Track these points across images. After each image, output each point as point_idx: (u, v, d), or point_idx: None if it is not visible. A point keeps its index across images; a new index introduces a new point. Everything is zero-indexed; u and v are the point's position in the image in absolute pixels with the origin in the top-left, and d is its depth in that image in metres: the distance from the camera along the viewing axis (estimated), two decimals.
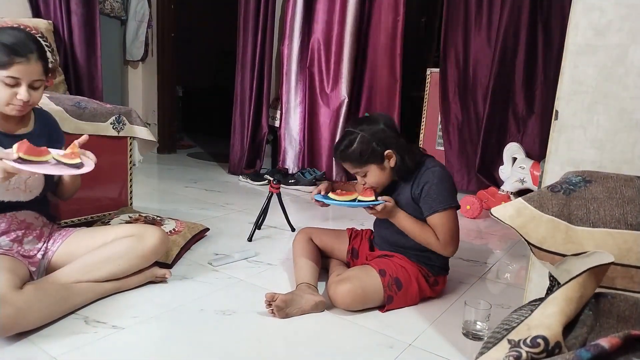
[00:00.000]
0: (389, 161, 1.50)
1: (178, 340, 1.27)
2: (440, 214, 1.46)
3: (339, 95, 3.34)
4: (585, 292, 0.80)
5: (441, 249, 1.48)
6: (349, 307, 1.45)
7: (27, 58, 1.29)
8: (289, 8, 3.34)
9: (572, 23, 1.11)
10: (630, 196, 0.92)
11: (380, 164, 1.50)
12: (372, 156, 1.48)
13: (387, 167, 1.51)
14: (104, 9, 3.44)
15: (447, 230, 1.47)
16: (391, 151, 1.49)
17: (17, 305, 1.18)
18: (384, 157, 1.49)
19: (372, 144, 1.47)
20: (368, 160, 1.49)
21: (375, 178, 1.52)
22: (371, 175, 1.51)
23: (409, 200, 1.52)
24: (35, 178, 1.44)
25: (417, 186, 1.50)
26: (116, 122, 2.07)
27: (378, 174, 1.51)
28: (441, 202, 1.46)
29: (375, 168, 1.50)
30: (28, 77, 1.31)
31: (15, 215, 1.43)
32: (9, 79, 1.28)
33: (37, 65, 1.32)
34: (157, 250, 1.56)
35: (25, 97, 1.31)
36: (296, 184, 3.20)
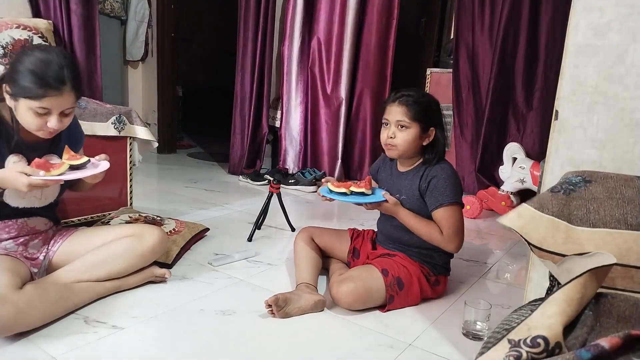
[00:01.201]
0: (427, 138, 1.53)
1: (178, 340, 1.27)
2: (445, 208, 1.47)
3: (339, 95, 3.34)
4: (586, 293, 0.80)
5: (445, 244, 1.48)
6: (352, 306, 1.45)
7: (61, 90, 1.24)
8: (289, 8, 3.34)
9: (572, 23, 1.11)
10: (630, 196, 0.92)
11: (423, 132, 1.52)
12: (425, 119, 1.51)
13: (421, 140, 1.53)
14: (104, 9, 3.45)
15: (451, 225, 1.47)
16: (434, 130, 1.53)
17: (17, 305, 1.18)
18: (428, 130, 1.52)
19: (433, 113, 1.53)
20: (421, 119, 1.50)
21: (409, 138, 1.51)
22: (408, 133, 1.51)
23: (414, 192, 1.53)
24: (51, 188, 1.44)
25: (425, 179, 1.51)
26: (117, 122, 2.07)
27: (413, 137, 1.51)
28: (447, 196, 1.47)
29: (417, 131, 1.51)
30: (59, 108, 1.27)
31: (26, 222, 1.43)
32: (41, 109, 1.25)
33: (70, 95, 1.28)
34: (156, 250, 1.56)
35: (56, 126, 1.28)
36: (296, 184, 3.20)
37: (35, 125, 1.27)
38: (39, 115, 1.25)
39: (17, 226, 1.41)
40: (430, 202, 1.49)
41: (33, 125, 1.27)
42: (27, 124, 1.28)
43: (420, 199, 1.52)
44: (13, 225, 1.41)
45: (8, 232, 1.40)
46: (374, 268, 1.50)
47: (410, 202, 1.53)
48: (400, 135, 1.51)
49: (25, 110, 1.25)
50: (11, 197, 1.36)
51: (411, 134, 1.51)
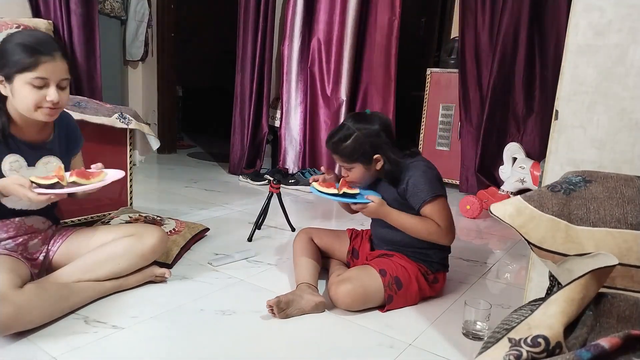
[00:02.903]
0: (376, 164, 1.53)
1: (178, 340, 1.27)
2: (431, 204, 1.47)
3: (339, 95, 3.34)
4: (587, 294, 0.80)
5: (444, 236, 1.48)
6: (350, 307, 1.45)
7: (53, 56, 1.25)
8: (289, 8, 3.34)
9: (572, 23, 1.11)
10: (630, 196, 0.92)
11: (368, 164, 1.53)
12: (362, 156, 1.51)
13: (372, 169, 1.54)
14: (104, 9, 3.44)
15: (444, 217, 1.48)
16: (380, 156, 1.52)
17: (17, 304, 1.18)
18: (372, 159, 1.52)
19: (365, 146, 1.50)
20: (357, 159, 1.52)
21: (359, 176, 1.55)
22: (355, 172, 1.55)
23: (395, 196, 1.54)
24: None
25: (403, 182, 1.52)
26: (121, 117, 2.07)
27: (362, 173, 1.55)
28: (428, 191, 1.47)
29: (361, 167, 1.53)
30: (56, 76, 1.27)
31: (23, 221, 1.43)
32: (38, 80, 1.24)
33: (63, 63, 1.28)
34: (156, 250, 1.57)
35: (56, 97, 1.27)
36: (296, 184, 3.20)
37: (34, 101, 1.26)
38: (36, 88, 1.25)
39: (14, 225, 1.41)
40: (414, 201, 1.49)
41: (32, 102, 1.26)
42: (26, 104, 1.27)
43: (400, 201, 1.53)
44: (11, 224, 1.41)
45: (7, 232, 1.40)
46: (371, 268, 1.50)
47: (393, 204, 1.53)
48: (351, 175, 1.56)
49: (22, 86, 1.25)
50: (10, 200, 1.36)
51: (359, 172, 1.55)
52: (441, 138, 3.31)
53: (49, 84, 1.27)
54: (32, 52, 1.23)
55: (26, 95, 1.26)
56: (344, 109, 3.34)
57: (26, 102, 1.27)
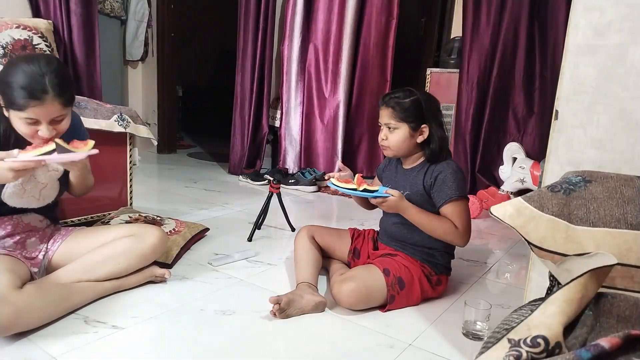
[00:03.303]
0: (420, 135, 1.53)
1: (178, 340, 1.27)
2: (456, 202, 1.47)
3: (339, 95, 3.34)
4: (586, 294, 0.80)
5: (459, 237, 1.48)
6: (353, 306, 1.45)
7: (42, 100, 1.22)
8: (289, 8, 3.34)
9: (572, 23, 1.11)
10: (630, 196, 0.92)
11: (413, 130, 1.52)
12: (413, 118, 1.51)
13: (414, 138, 1.54)
14: (104, 9, 3.44)
15: (464, 218, 1.48)
16: (427, 127, 1.52)
17: (17, 305, 1.18)
18: (420, 128, 1.52)
19: (422, 111, 1.51)
20: (407, 118, 1.51)
21: (399, 139, 1.53)
22: (397, 134, 1.53)
23: (419, 189, 1.53)
24: (50, 187, 1.44)
25: (431, 175, 1.51)
26: (120, 119, 2.07)
27: (403, 138, 1.53)
28: (456, 190, 1.47)
29: (406, 131, 1.52)
30: (46, 117, 1.26)
31: (20, 219, 1.43)
32: (28, 119, 1.25)
33: (54, 104, 1.25)
34: (157, 250, 1.57)
35: (47, 134, 1.26)
36: (296, 184, 3.20)
37: (28, 135, 1.28)
38: (28, 124, 1.25)
39: (12, 223, 1.41)
40: (438, 197, 1.49)
41: (26, 134, 1.28)
42: (22, 133, 1.29)
43: (424, 195, 1.53)
44: (8, 221, 1.41)
45: (4, 229, 1.40)
46: (375, 268, 1.50)
47: (414, 197, 1.53)
48: (391, 137, 1.54)
49: (17, 120, 1.26)
50: (10, 197, 1.36)
51: (401, 134, 1.53)
52: None
53: (40, 122, 1.26)
54: (22, 95, 1.21)
55: (20, 128, 1.28)
56: (342, 108, 3.34)
57: (21, 132, 1.29)
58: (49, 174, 1.43)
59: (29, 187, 1.39)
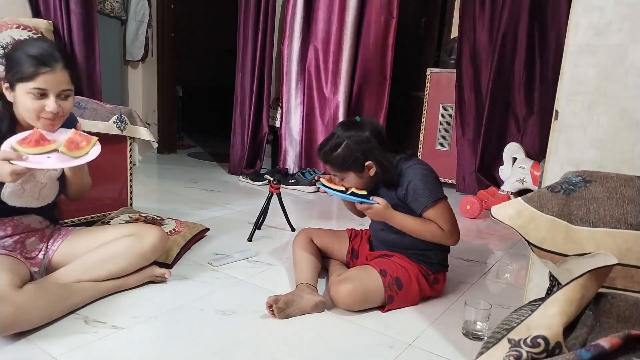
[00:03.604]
0: (369, 171, 1.52)
1: (178, 340, 1.27)
2: (433, 208, 1.47)
3: (339, 95, 3.34)
4: (586, 294, 0.80)
5: (447, 238, 1.49)
6: (350, 307, 1.45)
7: (53, 67, 1.26)
8: (289, 8, 3.34)
9: (572, 23, 1.11)
10: (630, 196, 0.92)
11: (360, 172, 1.52)
12: (353, 164, 1.50)
13: (365, 176, 1.53)
14: (104, 9, 3.44)
15: (447, 219, 1.47)
16: (372, 162, 1.50)
17: (17, 304, 1.18)
18: (365, 166, 1.51)
19: (356, 154, 1.49)
20: (349, 167, 1.51)
21: (354, 182, 1.54)
22: (349, 180, 1.54)
23: (395, 201, 1.53)
24: (49, 187, 1.44)
25: (402, 187, 1.51)
26: (119, 121, 2.07)
27: (356, 181, 1.54)
28: (429, 195, 1.47)
29: (354, 175, 1.53)
30: (55, 88, 1.28)
31: (21, 220, 1.44)
32: (36, 90, 1.25)
33: (64, 74, 1.29)
34: (157, 249, 1.57)
35: (54, 108, 1.27)
36: (296, 184, 3.20)
37: (35, 111, 1.27)
38: (36, 98, 1.26)
39: (12, 224, 1.41)
40: (416, 206, 1.49)
41: (32, 111, 1.27)
42: (27, 112, 1.28)
43: (401, 206, 1.53)
44: (9, 222, 1.41)
45: (4, 230, 1.40)
46: (372, 269, 1.50)
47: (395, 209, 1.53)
48: (347, 182, 1.55)
49: (23, 95, 1.26)
50: (9, 196, 1.36)
51: (352, 180, 1.54)
52: (441, 138, 3.32)
53: (48, 94, 1.27)
54: (32, 63, 1.24)
55: (26, 104, 1.27)
56: (342, 108, 3.34)
57: (27, 112, 1.28)
58: (48, 174, 1.43)
59: (29, 186, 1.39)
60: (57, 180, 1.46)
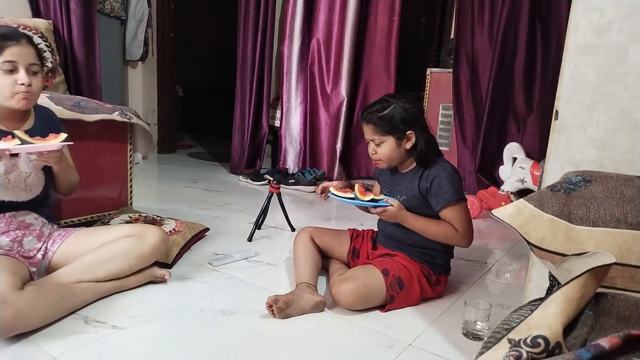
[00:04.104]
0: (407, 142, 1.51)
1: (178, 340, 1.27)
2: (455, 206, 1.47)
3: (339, 95, 3.35)
4: (586, 293, 0.80)
5: (461, 240, 1.48)
6: (352, 306, 1.45)
7: (18, 41, 1.33)
8: (289, 8, 3.34)
9: (572, 23, 1.11)
10: (630, 196, 0.92)
11: (399, 140, 1.51)
12: (396, 129, 1.49)
13: (402, 146, 1.52)
14: (104, 9, 3.44)
15: (464, 220, 1.47)
16: (413, 132, 1.50)
17: (17, 306, 1.18)
18: (405, 135, 1.50)
19: (402, 117, 1.49)
20: (390, 130, 1.50)
21: (388, 151, 1.52)
22: (385, 147, 1.52)
23: (415, 193, 1.53)
24: (35, 177, 1.44)
25: (426, 180, 1.51)
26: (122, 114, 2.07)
27: (391, 149, 1.52)
28: (453, 193, 1.47)
29: (393, 142, 1.51)
30: (24, 60, 1.34)
31: (14, 216, 1.43)
32: (6, 64, 1.31)
33: (29, 48, 1.36)
34: (157, 250, 1.56)
35: (26, 80, 1.33)
36: (296, 184, 3.20)
37: (7, 88, 1.32)
38: (7, 73, 1.32)
39: (5, 219, 1.41)
40: (436, 202, 1.49)
41: (5, 88, 1.33)
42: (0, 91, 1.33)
43: (420, 199, 1.52)
44: (1, 219, 1.41)
45: None
46: (374, 268, 1.50)
47: (411, 202, 1.53)
48: (380, 150, 1.53)
49: None
50: None
51: (389, 147, 1.52)
52: (441, 138, 3.31)
53: (17, 67, 1.33)
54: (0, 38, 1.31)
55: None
56: (344, 108, 3.34)
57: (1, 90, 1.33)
58: (31, 163, 1.43)
59: (13, 176, 1.39)
60: (42, 170, 1.46)
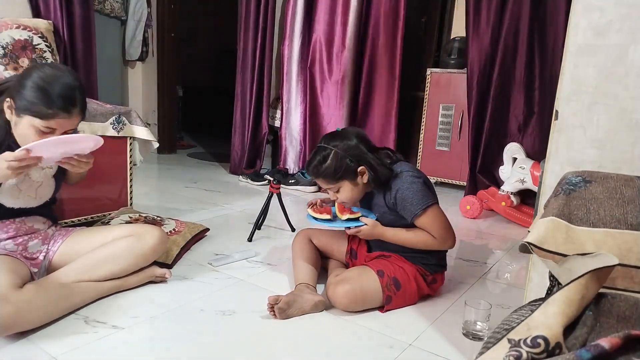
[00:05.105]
0: (362, 177, 1.49)
1: (178, 340, 1.27)
2: (423, 216, 1.46)
3: (340, 95, 3.34)
4: (587, 294, 0.80)
5: (441, 245, 1.49)
6: (348, 308, 1.45)
7: (70, 113, 1.26)
8: (289, 8, 3.34)
9: (572, 23, 1.11)
10: (630, 196, 0.92)
11: (354, 180, 1.50)
12: (346, 172, 1.47)
13: (360, 183, 1.51)
14: (104, 9, 3.44)
15: (438, 226, 1.47)
16: (364, 167, 1.48)
17: (17, 305, 1.18)
18: (357, 173, 1.49)
19: (346, 160, 1.46)
20: (342, 176, 1.48)
21: (348, 194, 1.51)
22: (344, 191, 1.51)
23: (385, 210, 1.53)
24: (46, 186, 1.45)
25: (390, 196, 1.50)
26: (116, 122, 2.07)
27: (350, 190, 1.51)
28: (417, 204, 1.45)
29: (348, 184, 1.50)
30: (63, 129, 1.28)
31: (24, 221, 1.44)
32: (46, 128, 1.25)
33: (77, 118, 1.30)
34: (157, 250, 1.57)
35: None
36: (296, 184, 3.20)
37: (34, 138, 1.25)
38: (41, 133, 1.25)
39: (14, 226, 1.42)
40: (406, 214, 1.48)
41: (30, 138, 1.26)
42: (25, 140, 1.26)
43: (392, 213, 1.52)
44: (11, 224, 1.41)
45: (6, 232, 1.40)
46: (369, 269, 1.50)
47: (386, 217, 1.54)
48: (341, 196, 1.52)
49: (28, 127, 1.25)
50: (6, 197, 1.36)
51: (347, 190, 1.51)
52: (441, 138, 3.31)
53: (55, 132, 1.27)
54: (50, 104, 1.22)
55: (28, 135, 1.26)
56: (346, 108, 3.34)
57: (25, 139, 1.27)
58: (43, 172, 1.43)
59: (24, 186, 1.39)
60: (53, 178, 1.46)
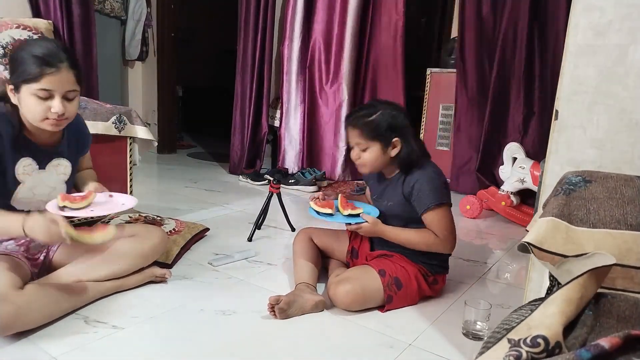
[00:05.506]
0: (393, 149, 1.50)
1: (178, 340, 1.27)
2: (433, 212, 1.46)
3: (340, 95, 3.34)
4: (586, 293, 0.80)
5: (442, 246, 1.49)
6: (349, 307, 1.45)
7: (58, 68, 1.24)
8: (289, 8, 3.34)
9: (572, 23, 1.11)
10: (630, 196, 0.92)
11: (385, 147, 1.50)
12: (382, 135, 1.48)
13: (387, 153, 1.51)
14: (104, 9, 3.44)
15: (444, 226, 1.47)
16: (399, 140, 1.49)
17: (17, 304, 1.18)
18: (391, 143, 1.49)
19: (388, 124, 1.47)
20: (377, 137, 1.48)
21: (373, 157, 1.51)
22: (370, 152, 1.50)
23: (400, 199, 1.53)
24: (59, 190, 1.45)
25: (408, 185, 1.50)
26: (117, 122, 2.07)
27: (376, 155, 1.50)
28: (433, 198, 1.46)
29: (378, 148, 1.50)
30: (61, 88, 1.26)
31: None
32: (42, 91, 1.23)
33: (69, 74, 1.26)
34: (157, 250, 1.57)
35: (60, 109, 1.25)
36: (296, 184, 3.20)
37: (40, 113, 1.25)
38: (41, 99, 1.24)
39: None
40: (418, 206, 1.48)
41: (37, 113, 1.25)
42: (32, 114, 1.26)
43: (406, 204, 1.52)
44: None
45: None
46: (371, 269, 1.50)
47: (397, 207, 1.54)
48: (364, 156, 1.51)
49: (28, 97, 1.24)
50: (20, 202, 1.37)
51: (374, 153, 1.50)
52: (441, 138, 3.32)
53: (53, 95, 1.25)
54: (37, 64, 1.22)
55: (31, 106, 1.25)
56: (345, 109, 3.34)
57: (32, 113, 1.26)
58: (57, 177, 1.44)
59: (39, 191, 1.40)
60: (65, 183, 1.47)
